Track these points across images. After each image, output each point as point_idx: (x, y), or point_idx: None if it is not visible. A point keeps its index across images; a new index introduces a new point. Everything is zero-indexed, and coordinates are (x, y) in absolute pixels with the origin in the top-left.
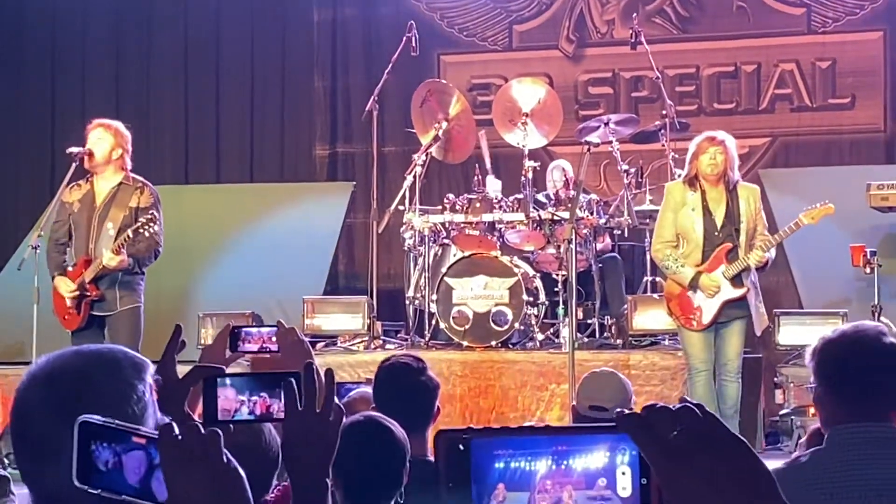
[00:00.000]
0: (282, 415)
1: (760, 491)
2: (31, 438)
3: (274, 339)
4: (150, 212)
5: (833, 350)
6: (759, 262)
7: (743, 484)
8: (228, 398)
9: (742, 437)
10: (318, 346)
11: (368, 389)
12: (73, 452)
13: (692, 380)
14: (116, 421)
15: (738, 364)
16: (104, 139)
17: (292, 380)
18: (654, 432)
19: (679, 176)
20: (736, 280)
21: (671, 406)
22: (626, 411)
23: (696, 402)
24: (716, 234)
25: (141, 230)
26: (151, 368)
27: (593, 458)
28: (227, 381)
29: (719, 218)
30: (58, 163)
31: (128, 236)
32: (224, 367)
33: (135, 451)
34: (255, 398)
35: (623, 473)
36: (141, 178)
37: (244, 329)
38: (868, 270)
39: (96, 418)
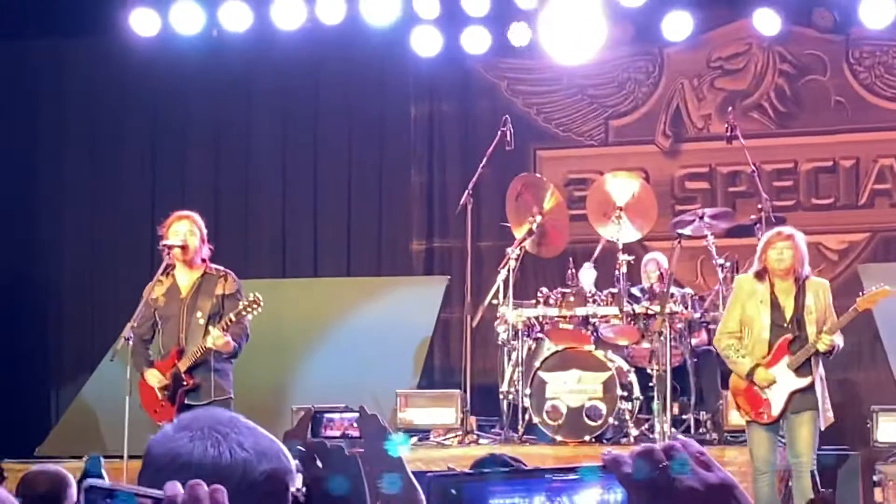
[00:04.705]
0: None
1: None
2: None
3: (355, 424)
4: (252, 295)
5: None
6: (829, 347)
7: None
8: None
9: (730, 479)
10: (412, 440)
11: None
12: None
13: (757, 482)
14: (121, 483)
15: (811, 458)
16: (194, 232)
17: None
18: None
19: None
20: (802, 370)
21: (657, 446)
22: (615, 452)
23: (683, 439)
24: (784, 325)
25: (244, 312)
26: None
27: (586, 496)
28: None
29: (788, 310)
30: (157, 253)
31: (230, 319)
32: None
33: None
34: None
35: None
36: (222, 267)
37: (325, 414)
38: None
39: (102, 482)
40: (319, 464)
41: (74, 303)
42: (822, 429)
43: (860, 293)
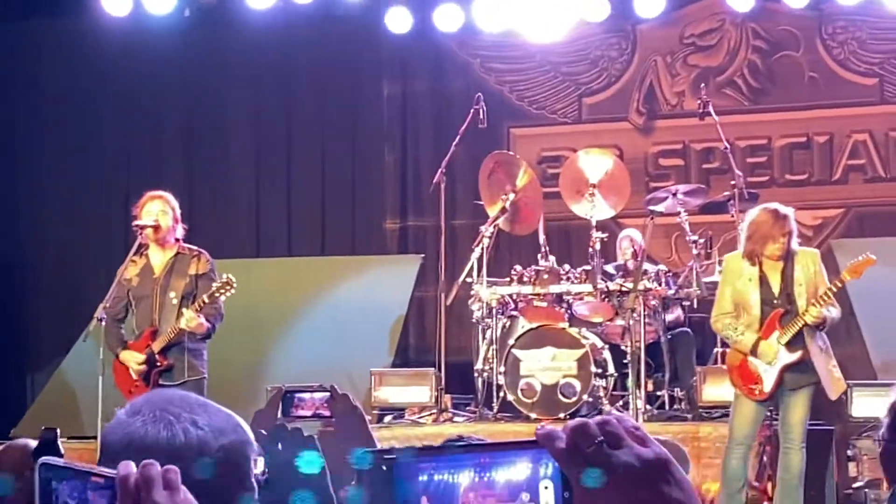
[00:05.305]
0: None
1: None
2: None
3: (326, 404)
4: (225, 276)
5: None
6: (817, 319)
7: (661, 499)
8: None
9: (665, 454)
10: (386, 418)
11: None
12: (35, 492)
13: (730, 453)
14: (76, 463)
15: (801, 432)
16: (167, 212)
17: None
18: (573, 448)
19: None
20: (792, 344)
21: (591, 420)
22: (547, 426)
23: (618, 415)
24: (774, 301)
25: (217, 294)
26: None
27: (516, 471)
28: None
29: (776, 286)
30: (131, 234)
31: (203, 301)
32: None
33: (100, 490)
34: None
35: (546, 488)
36: (195, 247)
37: (296, 394)
38: None
39: (57, 460)
40: (279, 446)
41: (50, 285)
42: (833, 398)
43: (846, 264)
